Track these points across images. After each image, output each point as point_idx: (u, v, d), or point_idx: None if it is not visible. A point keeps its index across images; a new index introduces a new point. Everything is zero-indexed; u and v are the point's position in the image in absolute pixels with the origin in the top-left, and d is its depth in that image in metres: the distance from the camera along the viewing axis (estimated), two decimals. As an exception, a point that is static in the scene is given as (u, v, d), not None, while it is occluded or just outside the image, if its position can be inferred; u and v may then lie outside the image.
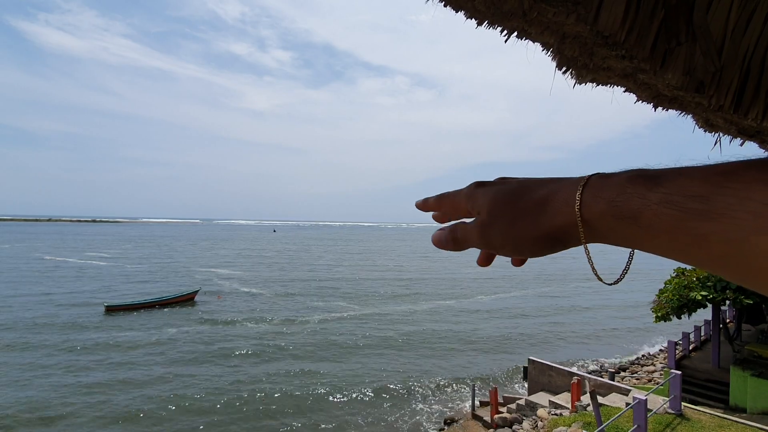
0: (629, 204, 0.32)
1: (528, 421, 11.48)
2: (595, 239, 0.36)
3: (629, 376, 17.82)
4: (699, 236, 0.28)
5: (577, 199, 0.35)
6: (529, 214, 0.39)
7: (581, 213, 0.35)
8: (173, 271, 46.01)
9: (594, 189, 0.35)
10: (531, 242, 0.40)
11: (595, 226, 0.35)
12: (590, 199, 0.35)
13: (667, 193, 0.29)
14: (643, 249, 0.34)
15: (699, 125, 1.90)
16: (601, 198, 0.34)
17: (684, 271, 14.03)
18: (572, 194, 0.36)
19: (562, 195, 0.37)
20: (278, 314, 26.64)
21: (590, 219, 0.35)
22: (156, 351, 18.98)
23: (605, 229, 0.34)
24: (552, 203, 0.38)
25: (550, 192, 0.39)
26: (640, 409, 7.89)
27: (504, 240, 0.41)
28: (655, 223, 0.30)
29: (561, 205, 0.37)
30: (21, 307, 26.48)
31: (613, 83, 1.34)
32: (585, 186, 0.36)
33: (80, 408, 13.39)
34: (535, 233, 0.39)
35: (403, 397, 15.13)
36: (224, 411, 13.51)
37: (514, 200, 0.41)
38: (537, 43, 1.02)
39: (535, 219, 0.39)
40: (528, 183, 0.42)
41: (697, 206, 0.27)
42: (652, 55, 0.90)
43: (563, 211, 0.37)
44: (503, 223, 0.41)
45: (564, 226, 0.37)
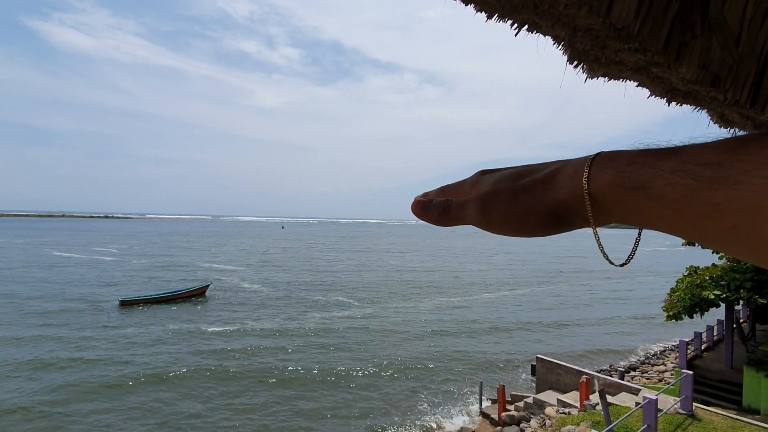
0: (639, 173, 0.31)
1: (536, 419, 11.44)
2: (601, 217, 0.35)
3: (639, 376, 17.64)
4: (712, 206, 0.27)
5: (585, 170, 0.34)
6: (534, 188, 0.38)
7: (588, 186, 0.34)
8: (184, 267, 46.57)
9: (602, 161, 0.34)
10: (533, 217, 0.38)
11: (601, 201, 0.34)
12: (598, 171, 0.34)
13: (681, 162, 0.29)
14: (650, 225, 0.32)
15: (714, 121, 1.86)
16: (609, 168, 0.33)
17: (697, 270, 13.82)
18: (580, 168, 0.35)
19: (568, 169, 0.36)
20: (287, 309, 26.82)
21: (597, 192, 0.34)
22: (169, 344, 19.25)
23: (613, 202, 0.33)
24: (558, 177, 0.36)
25: (556, 168, 0.38)
26: (651, 408, 7.81)
27: (505, 215, 0.39)
28: (666, 193, 0.29)
29: (567, 178, 0.36)
30: (35, 302, 27.03)
31: (625, 77, 1.31)
32: (594, 160, 0.35)
33: (101, 402, 13.67)
34: (538, 207, 0.37)
35: (409, 394, 15.16)
36: (235, 403, 13.68)
37: (518, 177, 0.40)
38: (548, 36, 1.00)
39: (539, 193, 0.37)
40: (536, 165, 0.41)
41: (712, 173, 0.27)
42: (666, 48, 0.88)
43: (569, 183, 0.35)
44: (505, 197, 0.39)
45: (569, 201, 0.36)
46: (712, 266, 13.71)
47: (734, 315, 14.38)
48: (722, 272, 13.00)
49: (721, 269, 13.21)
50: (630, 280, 47.46)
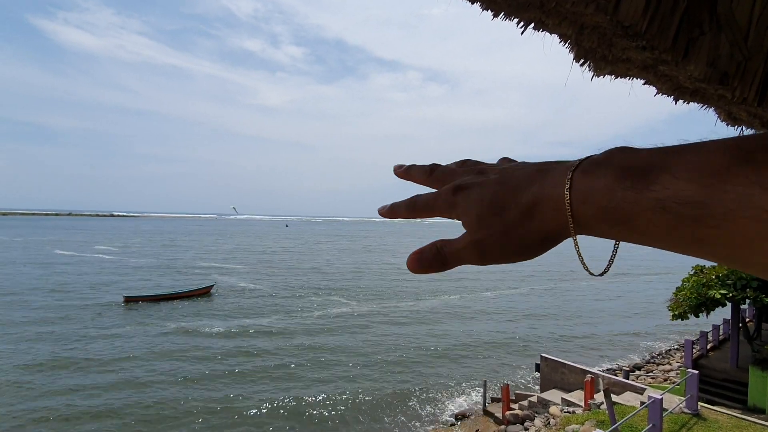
0: (620, 209, 0.30)
1: (540, 418, 11.42)
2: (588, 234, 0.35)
3: (644, 375, 17.57)
4: (697, 240, 0.27)
5: (567, 206, 0.33)
6: (520, 224, 0.38)
7: (573, 219, 0.34)
8: (187, 265, 46.80)
9: (581, 194, 0.33)
10: (526, 249, 0.39)
11: (588, 228, 0.34)
12: (579, 205, 0.33)
13: (660, 199, 0.28)
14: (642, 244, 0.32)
15: (721, 119, 1.85)
16: (591, 204, 0.32)
17: (702, 269, 13.73)
18: (560, 200, 0.34)
19: (549, 202, 0.35)
20: (290, 308, 26.92)
21: (582, 222, 0.34)
22: (173, 341, 19.36)
23: (597, 230, 0.33)
24: (540, 209, 0.36)
25: (535, 198, 0.37)
26: (656, 408, 7.78)
27: (500, 254, 0.40)
28: (650, 229, 0.29)
29: (550, 210, 0.35)
30: (39, 299, 27.24)
31: (632, 75, 1.30)
32: (571, 190, 0.33)
33: (105, 397, 13.79)
34: (528, 242, 0.38)
35: (413, 392, 15.18)
36: (242, 403, 13.75)
37: (500, 211, 0.39)
38: (554, 34, 1.00)
39: (527, 229, 0.37)
40: (509, 184, 0.39)
41: (694, 212, 0.26)
42: (674, 46, 0.87)
43: (554, 217, 0.35)
44: (495, 238, 0.39)
45: (557, 230, 0.36)
46: (718, 265, 13.62)
47: (740, 314, 14.28)
48: (728, 271, 12.91)
49: (727, 268, 13.12)
50: (635, 280, 47.23)
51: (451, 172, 0.47)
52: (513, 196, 0.38)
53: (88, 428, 12.03)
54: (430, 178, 0.49)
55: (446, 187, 0.45)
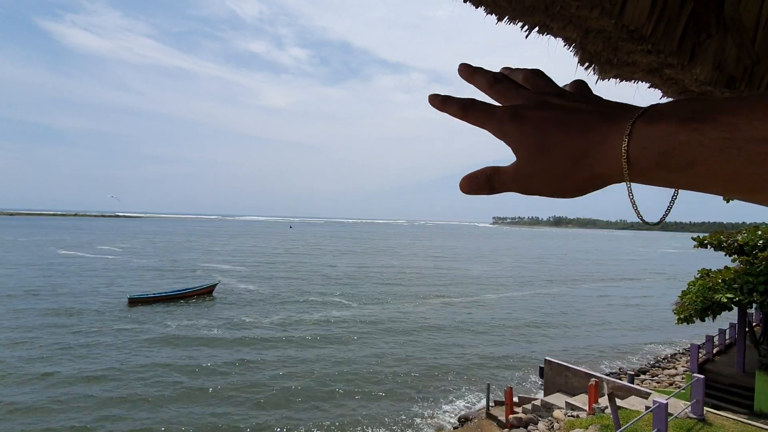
0: (684, 153, 0.29)
1: (544, 422, 11.35)
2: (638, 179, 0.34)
3: (649, 379, 17.42)
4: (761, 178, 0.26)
5: (624, 152, 0.33)
6: (570, 166, 0.37)
7: (628, 167, 0.33)
8: (190, 266, 46.98)
9: (642, 140, 0.32)
10: (571, 189, 0.39)
11: (643, 176, 0.33)
12: (638, 152, 0.32)
13: (729, 138, 0.27)
14: (697, 191, 0.32)
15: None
16: (650, 150, 0.31)
17: (709, 273, 13.62)
18: (617, 147, 0.33)
19: (605, 148, 0.35)
20: (292, 309, 26.93)
21: (639, 171, 0.33)
22: (178, 341, 19.42)
23: (656, 179, 0.33)
24: (594, 155, 0.36)
25: (590, 143, 0.36)
26: (661, 412, 7.72)
27: (543, 187, 0.40)
28: (715, 171, 0.28)
29: (604, 157, 0.35)
30: (44, 300, 27.42)
31: (637, 79, 1.30)
32: (631, 136, 0.33)
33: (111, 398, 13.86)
34: (575, 183, 0.38)
35: (416, 395, 15.14)
36: (244, 401, 13.76)
37: (551, 150, 0.38)
38: (559, 38, 0.99)
39: (576, 171, 0.37)
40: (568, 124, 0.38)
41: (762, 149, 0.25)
42: (680, 49, 0.87)
43: (607, 163, 0.35)
44: (542, 175, 0.40)
45: (608, 174, 0.36)
46: (724, 269, 13.50)
47: (747, 318, 14.15)
48: (735, 275, 12.80)
49: (733, 272, 13.01)
50: (640, 283, 46.94)
51: (516, 91, 0.45)
52: (568, 138, 0.38)
53: (93, 426, 12.09)
54: (492, 89, 0.46)
55: (505, 109, 0.43)
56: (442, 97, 0.47)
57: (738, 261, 14.12)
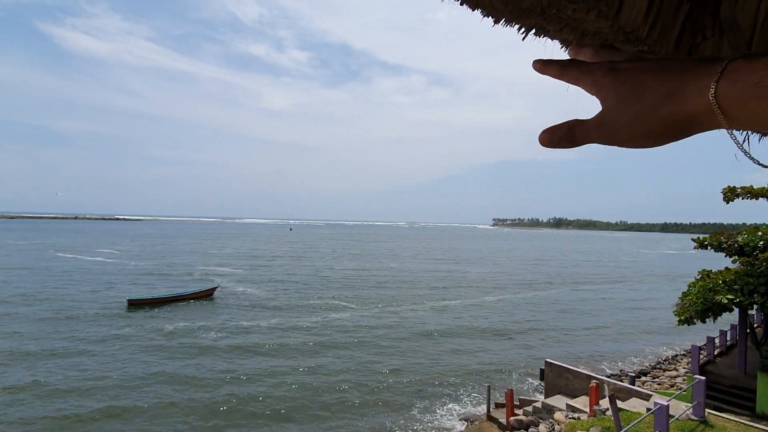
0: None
1: (544, 424, 11.32)
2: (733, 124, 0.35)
3: (650, 381, 17.38)
4: None
5: (712, 87, 0.33)
6: (659, 105, 0.38)
7: (718, 102, 0.33)
8: (190, 269, 46.95)
9: (732, 75, 0.33)
10: (659, 134, 0.39)
11: (732, 113, 0.33)
12: (727, 86, 0.33)
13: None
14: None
15: (725, 123, 1.84)
16: (741, 82, 0.32)
17: (709, 274, 13.61)
18: (706, 84, 0.34)
19: (693, 85, 0.35)
20: (292, 312, 26.93)
21: (728, 107, 0.33)
22: (177, 344, 19.39)
23: (746, 113, 0.33)
24: (683, 93, 0.36)
25: (683, 79, 0.37)
26: (662, 414, 7.69)
27: (630, 134, 0.40)
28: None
29: (692, 94, 0.35)
30: (39, 305, 27.38)
31: (634, 80, 1.30)
32: (722, 75, 0.33)
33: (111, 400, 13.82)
34: (664, 125, 0.38)
35: (416, 397, 15.11)
36: (242, 406, 13.73)
37: (641, 94, 0.39)
38: (555, 40, 0.99)
39: (665, 111, 0.37)
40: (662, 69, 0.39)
41: None
42: (676, 51, 0.87)
43: (696, 101, 0.35)
44: (629, 118, 0.40)
45: (696, 115, 0.36)
46: (725, 270, 13.49)
47: (748, 320, 14.13)
48: (736, 276, 12.78)
49: (734, 273, 12.99)
50: (640, 284, 46.89)
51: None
52: (662, 78, 0.38)
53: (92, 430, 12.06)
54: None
55: (601, 64, 0.45)
56: (543, 61, 0.49)
57: (738, 262, 14.11)
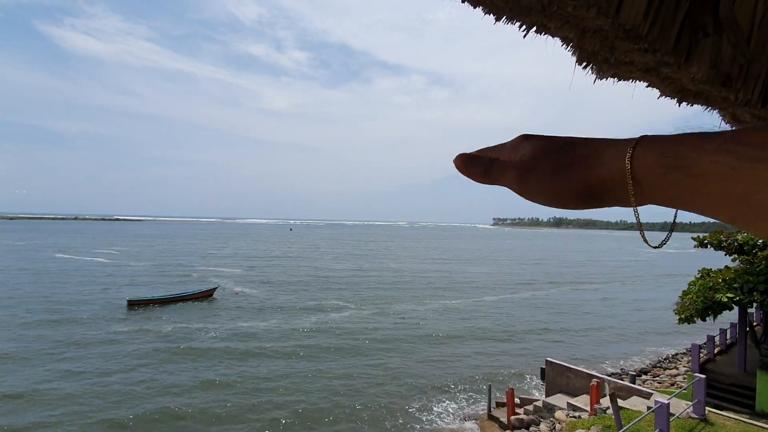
0: (683, 153, 0.31)
1: (545, 423, 11.33)
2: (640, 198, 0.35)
3: (651, 380, 17.40)
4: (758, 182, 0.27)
5: (629, 151, 0.34)
6: (574, 166, 0.38)
7: (631, 166, 0.34)
8: (190, 269, 46.94)
9: (647, 143, 0.34)
10: (568, 193, 0.39)
11: (642, 180, 0.34)
12: (642, 152, 0.34)
13: (723, 142, 0.29)
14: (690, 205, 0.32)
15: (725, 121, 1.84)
16: (653, 149, 0.33)
17: (709, 272, 13.62)
18: (623, 148, 0.35)
19: (611, 150, 0.37)
20: (292, 312, 26.94)
21: (639, 173, 0.34)
22: (177, 344, 19.39)
23: (654, 183, 0.33)
24: (600, 157, 0.37)
25: (598, 147, 0.38)
26: (662, 412, 7.71)
27: (542, 187, 0.40)
28: (710, 170, 0.29)
29: (609, 158, 0.36)
30: (38, 306, 27.35)
31: (635, 78, 1.30)
32: (638, 142, 0.35)
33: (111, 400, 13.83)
34: (576, 185, 0.38)
35: (417, 397, 15.11)
36: (240, 407, 13.74)
37: (559, 150, 0.40)
38: (556, 38, 1.00)
39: (579, 172, 0.38)
40: (577, 139, 0.41)
41: (757, 153, 0.27)
42: (676, 48, 0.87)
43: (611, 164, 0.36)
44: (545, 170, 0.40)
45: (608, 181, 0.36)
46: (725, 269, 13.50)
47: (747, 318, 14.14)
48: (735, 275, 12.80)
49: (734, 272, 13.01)
50: (641, 283, 46.91)
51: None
52: (577, 146, 0.40)
53: None
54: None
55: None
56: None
57: (738, 260, 14.12)
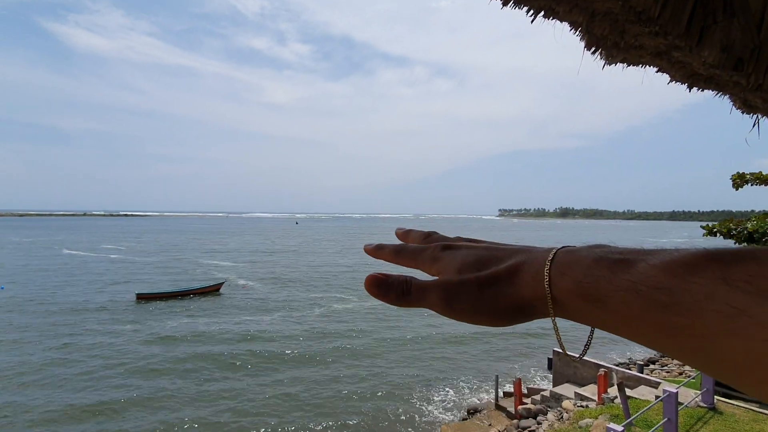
0: (596, 287, 0.31)
1: (553, 412, 11.37)
2: (562, 314, 0.35)
3: (659, 369, 17.38)
4: (667, 327, 0.27)
5: (546, 275, 0.35)
6: (496, 284, 0.38)
7: (550, 289, 0.34)
8: (195, 263, 47.33)
9: (561, 266, 0.34)
10: (496, 312, 0.38)
11: (562, 303, 0.34)
12: (557, 276, 0.34)
13: (633, 281, 0.29)
14: (612, 332, 0.32)
15: (736, 106, 1.81)
16: (568, 277, 0.33)
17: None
18: (540, 269, 0.35)
19: (531, 269, 0.37)
20: (299, 305, 27.12)
21: (558, 296, 0.34)
22: (186, 336, 19.66)
23: (573, 308, 0.34)
24: (520, 276, 0.37)
25: (518, 264, 0.38)
26: (671, 401, 7.69)
27: (468, 307, 0.39)
28: (622, 310, 0.29)
29: (529, 279, 0.36)
30: (49, 300, 27.77)
31: (644, 63, 1.28)
32: (552, 262, 0.35)
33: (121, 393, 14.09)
34: (501, 304, 0.38)
35: (424, 388, 15.22)
36: (250, 398, 13.92)
37: (481, 266, 0.40)
38: (564, 22, 0.98)
39: (501, 290, 0.38)
40: (497, 251, 0.41)
41: (663, 298, 0.27)
42: (687, 31, 0.86)
43: (531, 285, 0.36)
44: (468, 289, 0.39)
45: (532, 300, 0.36)
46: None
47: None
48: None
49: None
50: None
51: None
52: (498, 260, 0.40)
53: (105, 424, 12.30)
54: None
55: (436, 243, 0.47)
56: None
57: (745, 244, 13.99)
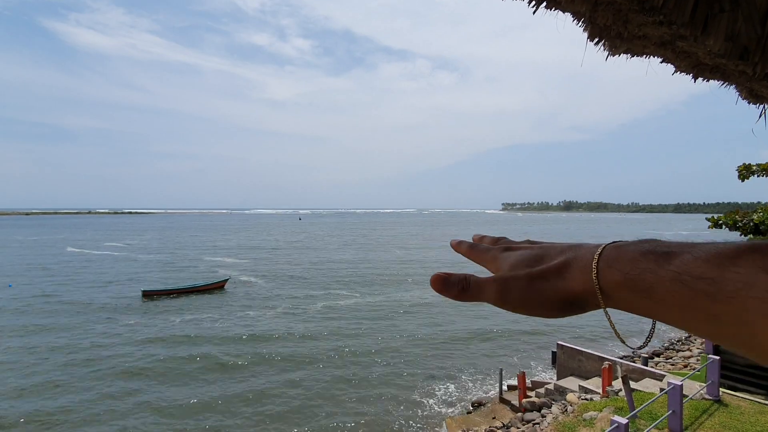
0: (643, 278, 0.34)
1: (557, 405, 11.39)
2: (613, 306, 0.38)
3: (664, 362, 17.37)
4: (710, 315, 0.29)
5: (594, 268, 0.38)
6: (547, 278, 0.42)
7: (598, 281, 0.37)
8: (203, 260, 47.56)
9: (609, 260, 0.37)
10: (547, 305, 0.42)
11: (611, 295, 0.37)
12: (606, 269, 0.37)
13: (677, 272, 0.31)
14: (660, 320, 0.35)
15: (742, 96, 1.79)
16: (615, 269, 0.36)
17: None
18: (588, 263, 0.39)
19: (579, 263, 0.40)
20: (302, 301, 27.24)
21: (606, 288, 0.37)
22: (191, 333, 19.81)
23: (621, 299, 0.36)
24: (570, 270, 0.40)
25: (568, 260, 0.41)
26: (676, 394, 7.69)
27: (520, 299, 0.43)
28: (667, 299, 0.32)
29: (577, 272, 0.40)
30: (59, 295, 28.05)
31: (648, 53, 1.27)
32: (600, 256, 0.38)
33: (126, 388, 14.23)
34: (551, 297, 0.41)
35: (428, 381, 15.28)
36: (257, 393, 14.04)
37: (534, 263, 0.44)
38: (567, 13, 0.97)
39: (552, 283, 0.41)
40: (551, 249, 0.45)
41: (706, 287, 0.29)
42: (692, 20, 0.85)
43: (580, 278, 0.39)
44: (521, 283, 0.43)
45: (581, 293, 0.39)
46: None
47: (763, 299, 13.97)
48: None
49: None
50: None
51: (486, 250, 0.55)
52: (549, 257, 0.44)
53: (113, 421, 12.45)
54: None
55: (499, 245, 0.54)
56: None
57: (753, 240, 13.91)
